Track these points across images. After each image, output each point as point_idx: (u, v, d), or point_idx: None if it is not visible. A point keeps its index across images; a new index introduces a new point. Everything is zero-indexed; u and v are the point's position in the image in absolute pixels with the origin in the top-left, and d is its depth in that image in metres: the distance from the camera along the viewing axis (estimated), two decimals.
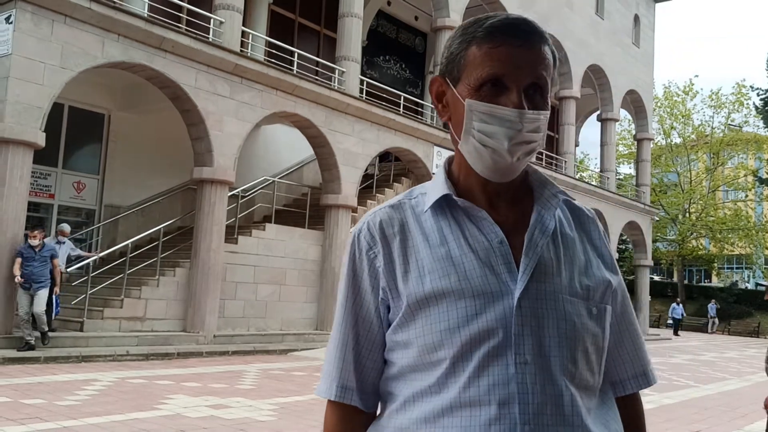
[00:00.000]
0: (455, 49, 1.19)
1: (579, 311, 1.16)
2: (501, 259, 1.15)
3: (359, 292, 1.23)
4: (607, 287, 1.22)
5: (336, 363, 1.24)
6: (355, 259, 1.24)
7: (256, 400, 8.06)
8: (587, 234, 1.28)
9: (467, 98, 1.15)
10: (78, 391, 7.88)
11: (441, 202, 1.22)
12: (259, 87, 13.55)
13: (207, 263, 12.72)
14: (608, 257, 1.28)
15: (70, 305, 12.21)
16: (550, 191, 1.24)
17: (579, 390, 1.14)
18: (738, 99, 40.31)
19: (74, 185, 14.71)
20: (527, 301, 1.12)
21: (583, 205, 1.32)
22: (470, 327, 1.11)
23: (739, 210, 40.33)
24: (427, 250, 1.18)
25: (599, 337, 1.19)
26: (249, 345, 13.23)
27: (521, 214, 1.21)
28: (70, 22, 10.66)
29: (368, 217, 1.26)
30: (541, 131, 1.16)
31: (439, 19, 18.21)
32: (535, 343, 1.11)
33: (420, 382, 1.16)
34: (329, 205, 15.32)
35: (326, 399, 1.25)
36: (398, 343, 1.19)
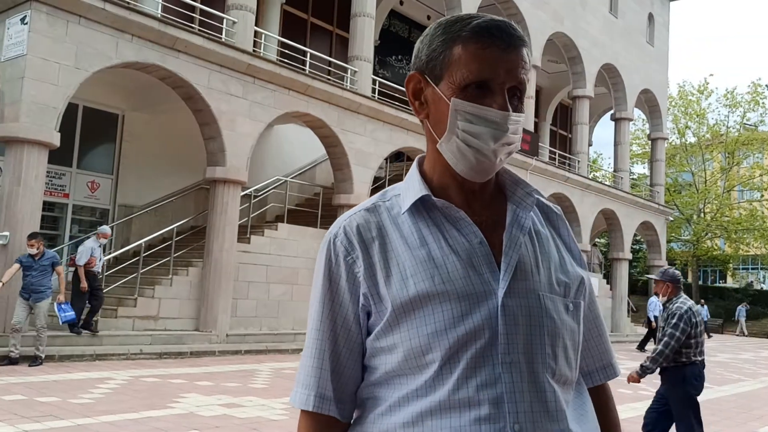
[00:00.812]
0: (437, 47, 1.18)
1: (558, 308, 1.18)
2: (483, 260, 1.15)
3: (336, 299, 1.20)
4: (580, 283, 1.25)
5: (313, 372, 1.20)
6: (331, 265, 1.20)
7: (269, 399, 8.07)
8: (556, 230, 1.30)
9: (452, 97, 1.15)
10: (92, 390, 7.93)
11: (418, 204, 1.21)
12: (272, 87, 13.58)
13: (220, 263, 12.76)
14: (576, 252, 1.30)
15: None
16: (524, 190, 1.25)
17: (559, 385, 1.16)
18: (753, 98, 39.95)
19: (88, 185, 14.81)
20: (510, 300, 1.13)
21: (550, 202, 1.33)
22: (457, 329, 1.11)
23: (754, 210, 39.95)
24: (408, 253, 1.16)
25: (576, 332, 1.21)
26: (261, 344, 13.26)
27: (495, 213, 1.22)
28: (84, 23, 10.73)
29: (343, 221, 1.23)
30: (519, 133, 1.18)
31: None
32: (520, 342, 1.12)
33: (406, 386, 1.14)
34: (341, 205, 15.33)
35: (300, 409, 1.22)
36: (382, 349, 1.17)
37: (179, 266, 13.20)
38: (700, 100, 40.55)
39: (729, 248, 42.16)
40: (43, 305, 9.66)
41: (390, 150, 16.40)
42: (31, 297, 9.60)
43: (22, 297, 9.65)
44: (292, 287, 14.52)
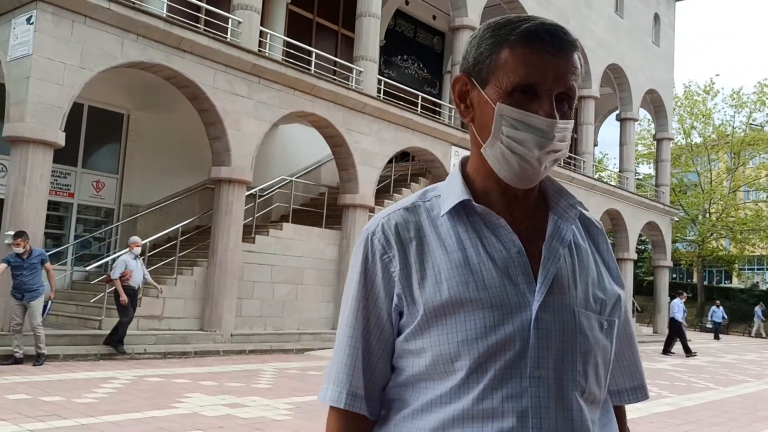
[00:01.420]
0: (485, 50, 1.15)
1: (592, 325, 1.15)
2: (520, 270, 1.13)
3: (372, 297, 1.19)
4: (616, 301, 1.22)
5: (346, 369, 1.19)
6: (367, 262, 1.19)
7: (273, 399, 8.07)
8: (596, 245, 1.27)
9: (498, 102, 1.12)
10: (96, 389, 7.94)
11: (458, 207, 1.18)
12: (277, 87, 13.58)
13: (224, 262, 12.77)
14: (615, 269, 1.27)
15: (89, 303, 12.33)
16: (567, 201, 1.22)
17: (587, 404, 1.14)
18: (760, 98, 39.76)
19: (93, 184, 14.85)
20: (545, 314, 1.11)
21: (592, 216, 1.31)
22: (488, 339, 1.09)
23: (760, 210, 39.78)
24: (444, 256, 1.15)
25: (608, 351, 1.19)
26: (266, 344, 13.27)
27: (536, 223, 1.20)
28: (89, 23, 10.74)
29: (381, 218, 1.21)
30: (567, 140, 1.15)
31: (457, 19, 18.15)
32: (551, 357, 1.10)
33: (431, 391, 1.13)
34: (346, 205, 15.32)
35: (330, 406, 1.20)
36: (410, 351, 1.16)
37: (184, 266, 13.22)
38: (706, 101, 40.40)
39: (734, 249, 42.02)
40: (37, 303, 9.57)
41: (395, 150, 16.38)
42: (24, 297, 9.51)
43: (15, 297, 9.54)
44: (297, 287, 14.52)
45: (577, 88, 1.16)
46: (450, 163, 17.63)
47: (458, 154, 17.91)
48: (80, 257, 14.56)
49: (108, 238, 14.99)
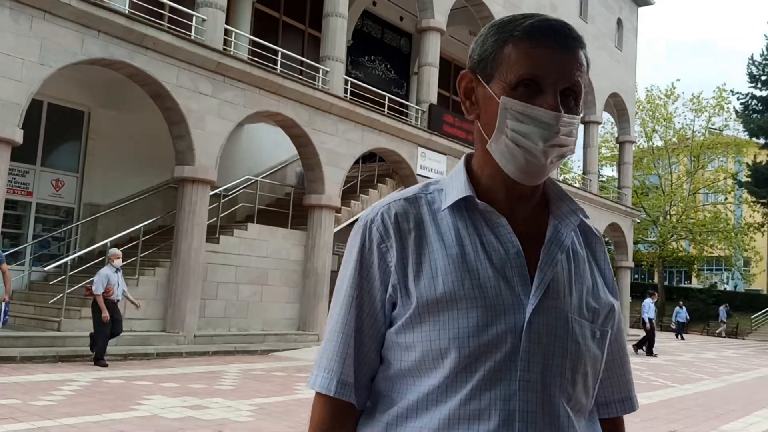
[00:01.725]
0: (490, 47, 1.16)
1: (584, 333, 1.15)
2: (516, 271, 1.12)
3: (366, 285, 1.17)
4: (610, 311, 1.21)
5: (338, 357, 1.17)
6: (364, 250, 1.18)
7: (235, 400, 8.01)
8: (593, 254, 1.26)
9: (502, 96, 1.13)
10: (54, 392, 7.78)
11: (459, 203, 1.18)
12: (242, 86, 13.48)
13: (188, 263, 12.63)
14: (610, 279, 1.26)
15: (48, 304, 12.09)
16: (569, 207, 1.22)
17: (573, 411, 1.13)
18: (718, 103, 40.77)
19: (53, 183, 14.55)
20: (538, 318, 1.10)
21: (592, 224, 1.30)
22: (480, 338, 1.09)
23: (718, 212, 40.78)
24: (442, 251, 1.14)
25: (598, 361, 1.19)
26: (230, 345, 13.15)
27: (537, 226, 1.19)
28: (49, 18, 10.53)
29: (381, 207, 1.20)
30: (574, 136, 1.14)
31: (424, 20, 18.22)
32: (541, 362, 1.09)
33: (418, 388, 1.12)
34: (312, 206, 15.27)
35: (318, 393, 1.19)
36: (400, 345, 1.15)
37: (146, 266, 13.04)
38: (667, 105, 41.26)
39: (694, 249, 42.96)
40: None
41: (362, 151, 16.37)
42: None
43: None
44: (261, 288, 14.42)
45: (584, 85, 1.15)
46: (417, 164, 17.69)
47: (425, 155, 17.98)
48: (39, 257, 14.25)
49: (68, 237, 14.70)
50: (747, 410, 9.95)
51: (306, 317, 15.02)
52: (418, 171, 17.70)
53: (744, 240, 40.68)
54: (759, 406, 10.54)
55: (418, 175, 17.63)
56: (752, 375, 15.84)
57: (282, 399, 8.40)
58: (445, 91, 23.43)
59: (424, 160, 17.96)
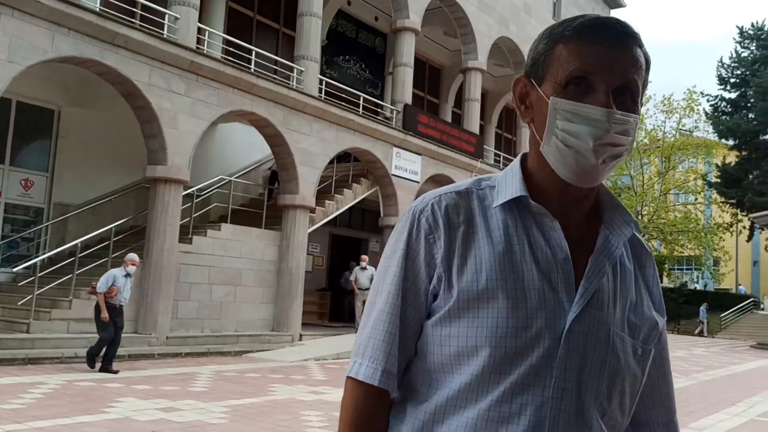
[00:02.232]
0: (541, 49, 1.15)
1: (626, 348, 1.13)
2: (562, 277, 1.10)
3: (412, 275, 1.16)
4: (653, 328, 1.19)
5: (384, 347, 1.15)
6: (411, 240, 1.16)
7: (208, 402, 7.94)
8: (642, 269, 1.24)
9: (552, 96, 1.11)
10: (23, 395, 7.65)
11: (511, 202, 1.16)
12: (216, 85, 13.37)
13: (160, 263, 12.49)
14: (657, 296, 1.23)
15: (17, 306, 11.87)
16: (623, 218, 1.19)
17: (606, 427, 1.11)
18: (689, 105, 41.40)
19: (22, 183, 14.29)
20: (578, 327, 1.08)
21: (644, 240, 1.28)
22: (517, 339, 1.07)
23: (689, 213, 41.39)
24: (489, 247, 1.12)
25: (638, 379, 1.16)
26: (203, 347, 13.04)
27: (587, 234, 1.17)
28: (18, 15, 10.35)
29: (431, 198, 1.18)
30: (630, 135, 1.10)
31: (398, 21, 18.25)
32: (578, 372, 1.07)
33: (450, 385, 1.11)
34: (286, 206, 15.20)
35: (357, 381, 1.16)
36: (434, 337, 1.13)
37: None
38: None
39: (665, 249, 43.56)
40: None
41: (336, 150, 16.34)
42: None
43: None
44: (235, 288, 14.32)
45: (641, 82, 1.13)
46: (391, 163, 17.70)
47: (399, 155, 18.00)
48: (7, 258, 13.99)
49: (37, 238, 14.45)
50: (716, 408, 10.12)
51: (280, 318, 14.95)
52: (393, 171, 17.72)
53: (713, 240, 41.37)
54: (728, 403, 10.72)
55: (393, 175, 17.65)
56: (722, 373, 16.11)
57: (256, 400, 8.35)
58: (419, 92, 23.48)
59: (398, 160, 17.98)
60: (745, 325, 36.23)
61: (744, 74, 40.63)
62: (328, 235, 21.38)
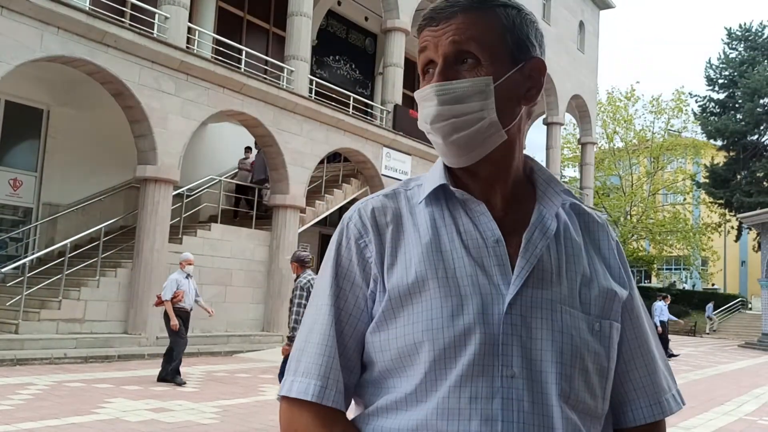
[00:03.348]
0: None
1: (578, 325, 1.05)
2: (494, 260, 1.06)
3: (345, 283, 1.11)
4: (612, 301, 1.11)
5: (316, 359, 1.07)
6: (341, 248, 1.12)
7: (199, 402, 7.93)
8: (595, 241, 1.17)
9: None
10: (12, 396, 7.60)
11: (438, 192, 1.13)
12: (206, 84, 13.34)
13: (150, 263, 12.45)
14: (616, 267, 1.16)
15: (5, 306, 11.80)
16: (554, 189, 1.14)
17: (576, 413, 1.04)
18: (677, 105, 41.68)
19: (10, 182, 14.20)
20: (519, 308, 1.03)
21: (593, 210, 1.22)
22: (454, 328, 1.01)
23: (677, 213, 41.65)
24: (417, 241, 1.08)
25: (602, 357, 1.08)
26: (193, 347, 12.96)
27: (522, 214, 1.12)
28: (6, 14, 10.28)
29: (359, 204, 1.16)
30: (473, 101, 1.06)
31: (389, 21, 18.26)
32: (525, 356, 1.01)
33: (397, 390, 1.05)
34: (277, 206, 15.18)
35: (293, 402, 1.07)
36: (374, 344, 1.08)
37: (107, 267, 12.81)
38: (628, 106, 42.03)
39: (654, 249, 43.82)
40: None
41: (327, 150, 16.34)
42: None
43: None
44: (225, 288, 14.29)
45: (489, 42, 1.07)
46: (382, 164, 17.71)
47: (389, 156, 18.01)
48: None
49: (26, 238, 14.36)
50: (705, 407, 10.18)
51: (270, 318, 14.93)
52: (383, 171, 17.73)
53: (702, 240, 41.64)
54: (717, 402, 10.80)
55: (383, 176, 17.66)
56: (710, 372, 16.22)
57: (246, 401, 8.34)
58: (409, 92, 23.50)
59: (388, 161, 17.99)
60: (733, 325, 36.50)
61: (732, 75, 40.91)
62: (318, 236, 21.36)
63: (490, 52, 1.07)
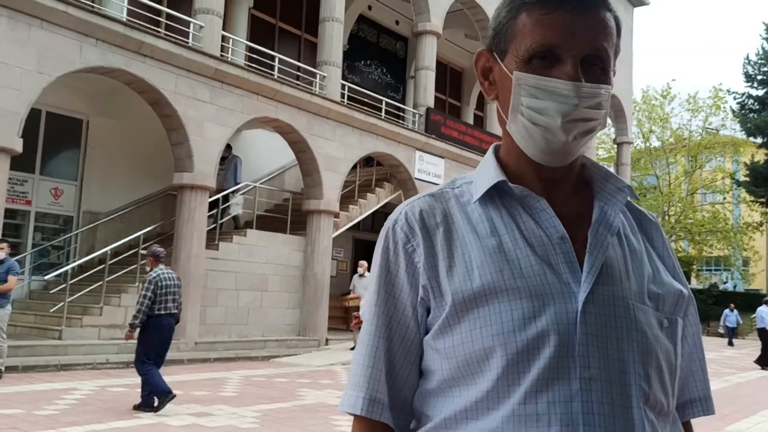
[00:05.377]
0: (503, 19, 1.06)
1: (650, 322, 1.02)
2: (562, 257, 1.01)
3: (393, 291, 1.07)
4: (678, 297, 1.08)
5: (364, 372, 1.06)
6: (389, 254, 1.08)
7: (239, 407, 7.98)
8: (650, 239, 1.14)
9: (515, 71, 1.03)
10: (57, 401, 7.75)
11: (491, 191, 1.07)
12: (240, 92, 13.48)
13: (187, 270, 12.60)
14: (671, 265, 1.13)
15: (49, 313, 12.05)
16: (615, 185, 1.10)
17: (654, 413, 1.01)
18: (715, 103, 40.85)
19: (52, 192, 14.52)
20: (593, 307, 0.98)
21: (645, 209, 1.19)
22: (527, 332, 0.97)
23: (717, 212, 40.78)
24: (476, 243, 1.03)
25: (671, 353, 1.05)
26: (231, 352, 13.11)
27: (579, 209, 1.08)
28: (46, 26, 10.53)
29: (405, 206, 1.11)
30: (603, 108, 1.02)
31: (420, 24, 18.24)
32: (603, 356, 0.97)
33: (464, 398, 1.00)
34: (311, 211, 15.26)
35: (353, 415, 1.07)
36: (438, 351, 1.03)
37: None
38: (664, 105, 41.34)
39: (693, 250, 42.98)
40: (2, 314, 9.17)
41: (360, 155, 16.38)
42: None
43: None
44: (261, 294, 14.40)
45: (613, 49, 1.04)
46: (414, 167, 17.68)
47: (422, 159, 17.98)
48: (38, 266, 14.22)
49: (67, 246, 14.66)
50: (752, 410, 9.94)
51: (306, 323, 14.99)
52: (416, 175, 17.70)
53: (743, 239, 40.72)
54: (764, 405, 10.53)
55: (416, 179, 17.63)
56: (755, 375, 15.83)
57: (286, 405, 8.38)
58: (441, 95, 23.46)
59: (421, 164, 17.96)
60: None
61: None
62: (352, 240, 21.41)
63: (612, 60, 1.05)
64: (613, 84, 1.05)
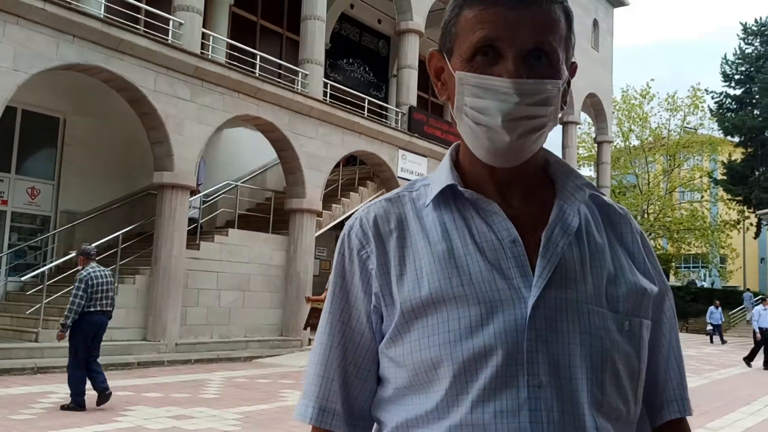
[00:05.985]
0: (448, 17, 1.03)
1: (607, 325, 0.98)
2: (513, 261, 0.98)
3: (347, 299, 1.06)
4: (642, 297, 1.04)
5: (315, 380, 1.05)
6: (344, 261, 1.07)
7: (220, 409, 7.88)
8: (618, 234, 1.09)
9: (457, 70, 1.00)
10: (33, 405, 7.61)
11: (446, 194, 1.05)
12: (221, 90, 13.34)
13: (168, 270, 12.45)
14: (642, 261, 1.08)
15: (25, 315, 11.85)
16: (575, 183, 1.06)
17: (609, 421, 0.97)
18: (693, 102, 41.27)
19: (28, 191, 14.27)
20: (543, 311, 0.95)
21: (614, 202, 1.14)
22: (474, 340, 0.94)
23: (695, 210, 41.25)
24: (427, 249, 1.01)
25: (632, 358, 1.01)
26: (212, 353, 12.98)
27: (540, 210, 1.04)
28: (22, 24, 10.33)
29: (361, 212, 1.09)
30: (550, 104, 0.98)
31: (402, 23, 18.20)
32: (552, 362, 0.94)
33: (416, 407, 0.99)
34: (293, 210, 15.16)
35: (306, 424, 1.06)
36: (391, 360, 1.02)
37: (126, 274, 12.83)
38: (643, 104, 41.70)
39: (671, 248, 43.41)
40: None
41: (342, 154, 16.30)
42: None
43: None
44: (243, 294, 14.27)
45: (561, 41, 1.00)
46: (398, 166, 17.64)
47: (405, 158, 17.94)
48: (15, 267, 13.96)
49: (44, 246, 14.42)
50: (732, 407, 10.02)
51: (289, 322, 14.89)
52: (399, 173, 17.66)
53: (720, 237, 41.20)
54: (744, 402, 10.63)
55: (399, 178, 17.59)
56: (735, 371, 15.99)
57: (268, 407, 8.29)
58: (424, 93, 23.43)
59: (404, 163, 17.92)
60: None
61: (748, 71, 40.45)
62: (335, 239, 21.29)
63: (563, 53, 1.01)
64: (565, 77, 1.01)
